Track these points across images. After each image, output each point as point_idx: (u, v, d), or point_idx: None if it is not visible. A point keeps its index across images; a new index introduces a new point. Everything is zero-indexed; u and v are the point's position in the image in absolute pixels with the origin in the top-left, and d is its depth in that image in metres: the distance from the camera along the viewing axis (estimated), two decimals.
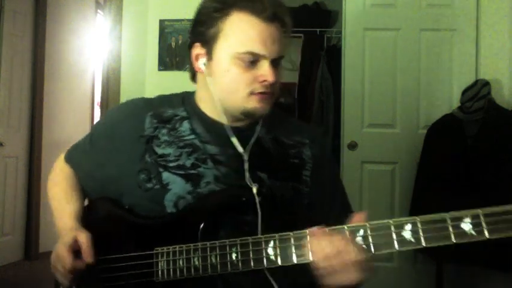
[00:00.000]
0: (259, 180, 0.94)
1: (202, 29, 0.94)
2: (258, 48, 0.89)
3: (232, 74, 0.91)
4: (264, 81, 0.90)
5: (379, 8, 2.81)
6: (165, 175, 0.94)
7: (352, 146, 2.78)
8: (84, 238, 0.92)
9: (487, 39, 2.70)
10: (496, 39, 2.70)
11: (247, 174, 0.92)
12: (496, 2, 2.70)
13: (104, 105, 2.88)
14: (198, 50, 0.97)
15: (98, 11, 4.47)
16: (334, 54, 3.42)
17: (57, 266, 0.92)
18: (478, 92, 2.38)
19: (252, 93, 0.91)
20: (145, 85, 2.72)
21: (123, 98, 2.69)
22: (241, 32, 0.90)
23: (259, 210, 0.88)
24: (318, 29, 3.60)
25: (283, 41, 0.92)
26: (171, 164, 0.95)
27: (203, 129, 0.98)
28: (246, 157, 0.94)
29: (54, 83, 3.93)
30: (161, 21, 2.71)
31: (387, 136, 2.80)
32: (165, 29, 2.71)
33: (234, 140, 0.96)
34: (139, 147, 0.98)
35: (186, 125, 0.99)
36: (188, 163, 0.94)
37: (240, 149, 0.95)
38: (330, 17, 3.78)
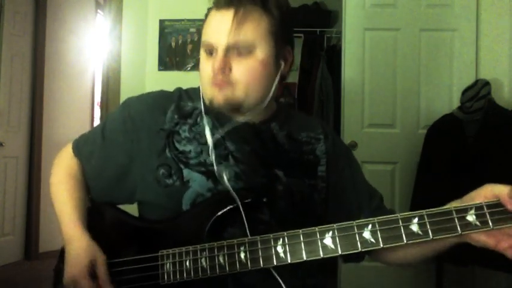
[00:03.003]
0: (276, 178, 0.94)
1: None
2: (209, 37, 0.91)
3: (200, 64, 0.95)
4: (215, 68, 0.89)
5: (379, 8, 2.81)
6: (186, 172, 0.92)
7: (352, 146, 2.78)
8: (102, 264, 0.89)
9: (487, 39, 2.70)
10: (496, 39, 2.70)
11: (215, 166, 0.91)
12: (496, 2, 2.70)
13: (104, 105, 2.88)
14: None
15: (98, 11, 4.47)
16: (334, 54, 3.43)
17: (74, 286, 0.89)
18: (478, 92, 2.38)
19: (210, 82, 0.91)
20: (146, 85, 2.72)
21: (123, 98, 2.67)
22: (205, 25, 0.94)
23: (238, 201, 0.87)
24: (318, 29, 3.60)
25: (246, 25, 0.89)
26: (192, 161, 0.93)
27: (219, 125, 0.97)
28: (211, 147, 0.93)
29: (54, 83, 3.93)
30: (161, 21, 2.72)
31: (387, 136, 2.80)
32: (165, 29, 2.71)
33: (207, 131, 0.95)
34: (160, 141, 0.96)
35: (207, 119, 0.97)
36: (209, 160, 0.93)
37: (210, 140, 0.94)
38: (330, 17, 3.78)
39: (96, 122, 4.37)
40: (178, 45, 2.70)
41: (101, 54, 3.71)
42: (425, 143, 2.55)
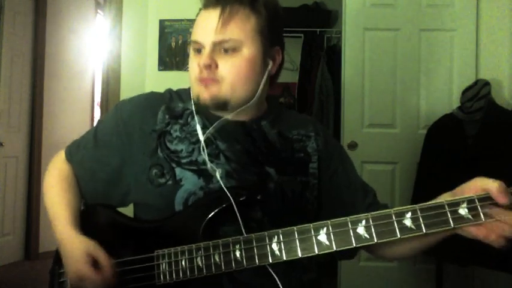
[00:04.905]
0: (268, 176, 0.94)
1: None
2: (197, 35, 0.93)
3: (189, 62, 0.96)
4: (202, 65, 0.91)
5: (379, 8, 2.81)
6: (178, 171, 0.93)
7: (352, 146, 2.78)
8: (101, 253, 0.88)
9: (487, 39, 2.70)
10: (496, 39, 2.70)
11: (208, 163, 0.92)
12: (496, 2, 2.70)
13: (103, 105, 2.88)
14: None
15: (98, 11, 4.47)
16: (334, 54, 3.43)
17: (82, 285, 0.87)
18: (478, 92, 2.38)
19: (197, 79, 0.93)
20: (145, 85, 2.72)
21: (123, 98, 2.69)
22: (194, 26, 0.96)
23: (229, 195, 0.87)
24: (318, 29, 3.60)
25: (232, 23, 0.90)
26: (184, 160, 0.94)
27: (209, 124, 0.97)
28: (203, 144, 0.93)
29: (54, 83, 3.93)
30: (161, 21, 2.72)
31: (387, 136, 2.80)
32: (165, 29, 2.71)
33: (199, 129, 0.95)
34: (151, 142, 0.96)
35: (198, 118, 0.98)
36: (200, 159, 0.93)
37: (202, 138, 0.94)
38: (330, 17, 3.78)
39: (96, 122, 4.36)
40: (178, 45, 2.71)
41: (101, 54, 3.71)
42: (425, 143, 2.55)
